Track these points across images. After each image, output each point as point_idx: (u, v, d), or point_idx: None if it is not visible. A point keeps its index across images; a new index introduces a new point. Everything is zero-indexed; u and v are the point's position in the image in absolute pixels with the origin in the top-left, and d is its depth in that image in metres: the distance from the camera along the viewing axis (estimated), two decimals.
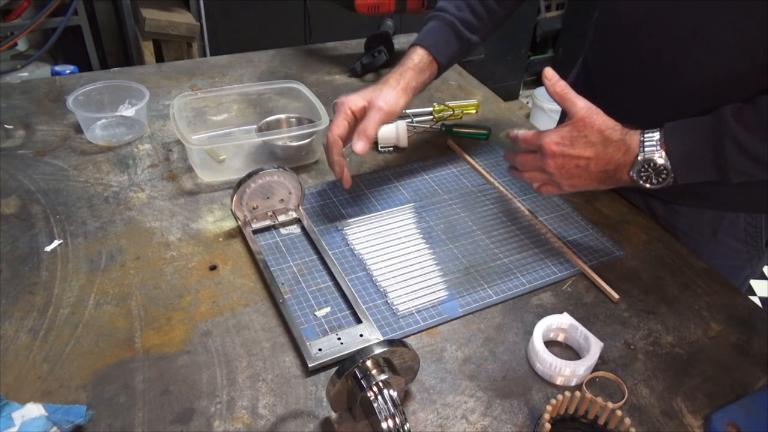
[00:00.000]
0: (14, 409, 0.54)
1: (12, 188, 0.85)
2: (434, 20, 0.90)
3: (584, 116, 0.71)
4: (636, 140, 0.70)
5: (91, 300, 0.69)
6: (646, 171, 0.69)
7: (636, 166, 0.70)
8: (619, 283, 0.77)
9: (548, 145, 0.72)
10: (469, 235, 0.83)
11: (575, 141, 0.71)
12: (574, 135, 0.71)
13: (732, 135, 0.66)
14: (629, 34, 0.79)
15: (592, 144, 0.70)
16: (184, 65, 1.24)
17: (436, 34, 0.89)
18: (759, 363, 0.68)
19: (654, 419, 0.61)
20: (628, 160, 0.70)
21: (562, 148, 0.71)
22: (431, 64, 0.88)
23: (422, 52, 0.87)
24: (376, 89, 0.83)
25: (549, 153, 0.72)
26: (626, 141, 0.70)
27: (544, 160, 0.73)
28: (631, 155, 0.70)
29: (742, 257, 0.89)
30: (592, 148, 0.70)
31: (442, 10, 0.90)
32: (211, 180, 0.90)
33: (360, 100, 0.80)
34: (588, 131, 0.71)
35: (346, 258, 0.78)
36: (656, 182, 0.70)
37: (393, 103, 0.81)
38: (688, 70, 0.74)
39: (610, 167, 0.71)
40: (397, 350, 0.56)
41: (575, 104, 0.72)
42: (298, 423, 0.58)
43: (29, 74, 2.05)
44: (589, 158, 0.71)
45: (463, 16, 0.89)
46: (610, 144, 0.70)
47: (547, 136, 0.72)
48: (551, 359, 0.63)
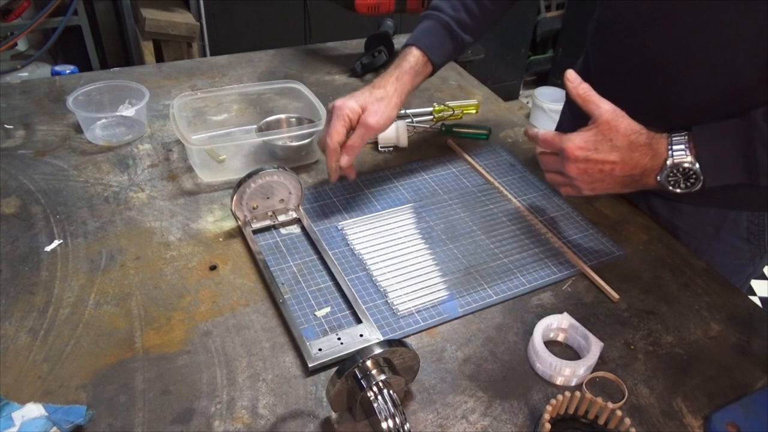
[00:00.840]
0: (14, 409, 0.54)
1: (12, 188, 0.85)
2: (429, 20, 0.89)
3: (609, 119, 0.70)
4: (663, 144, 0.69)
5: (91, 300, 0.69)
6: (674, 176, 0.68)
7: (665, 170, 0.68)
8: (619, 283, 0.77)
9: (571, 150, 0.70)
10: (469, 235, 0.83)
11: (600, 145, 0.69)
12: (599, 139, 0.69)
13: (764, 137, 0.65)
14: (630, 34, 0.79)
15: (618, 148, 0.69)
16: (184, 65, 1.24)
17: (432, 35, 0.88)
18: (759, 363, 0.68)
19: (654, 419, 0.61)
20: (656, 165, 0.69)
21: (586, 152, 0.69)
22: (426, 66, 0.88)
23: (418, 54, 0.87)
24: (372, 94, 0.82)
25: (572, 158, 0.70)
26: (653, 145, 0.69)
27: (565, 164, 0.71)
28: (659, 160, 0.68)
29: (745, 256, 0.89)
30: (617, 153, 0.69)
31: (437, 10, 0.89)
32: (211, 180, 0.90)
33: (356, 106, 0.80)
34: (613, 135, 0.69)
35: (346, 258, 0.78)
36: (684, 186, 0.68)
37: (384, 121, 0.81)
38: (691, 70, 0.74)
39: (636, 172, 0.70)
40: (397, 350, 0.56)
41: (599, 107, 0.71)
42: (298, 423, 0.58)
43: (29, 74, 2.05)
44: (615, 163, 0.69)
45: (459, 17, 0.88)
46: (636, 148, 0.69)
47: (569, 140, 0.70)
48: (551, 359, 0.63)
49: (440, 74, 1.27)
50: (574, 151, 0.70)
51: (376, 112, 0.80)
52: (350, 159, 0.80)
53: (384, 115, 0.81)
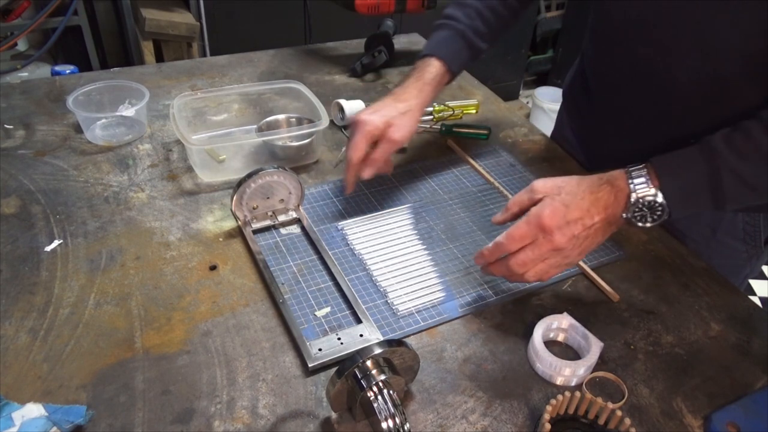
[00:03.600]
0: (14, 409, 0.54)
1: (12, 188, 0.85)
2: (445, 29, 0.89)
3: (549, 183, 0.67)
4: (623, 180, 0.66)
5: (91, 300, 0.69)
6: (640, 210, 0.65)
7: (630, 207, 0.65)
8: (619, 283, 0.77)
9: (549, 222, 0.64)
10: (469, 235, 0.83)
11: (568, 203, 0.65)
12: (561, 199, 0.65)
13: (729, 166, 0.64)
14: (622, 37, 0.80)
15: (582, 197, 0.65)
16: (184, 65, 1.24)
17: (449, 45, 0.88)
18: (759, 363, 0.68)
19: (654, 419, 0.61)
20: (620, 202, 0.66)
21: (563, 215, 0.64)
22: (445, 76, 0.88)
23: (438, 64, 0.86)
24: (396, 108, 0.81)
25: (555, 227, 0.64)
26: (610, 181, 0.66)
27: (550, 240, 0.64)
28: (623, 196, 0.65)
29: (741, 257, 0.89)
30: (585, 201, 0.65)
31: (452, 19, 0.89)
32: (211, 180, 0.90)
33: (380, 123, 0.79)
34: (569, 188, 0.66)
35: (346, 258, 0.78)
36: (651, 220, 0.66)
37: (408, 135, 0.81)
38: (681, 71, 0.74)
39: (609, 212, 0.66)
40: (397, 350, 0.56)
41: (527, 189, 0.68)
42: (298, 423, 0.58)
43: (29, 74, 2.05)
44: (588, 210, 0.65)
45: (474, 25, 0.88)
46: (596, 189, 0.66)
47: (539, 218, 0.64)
48: (551, 359, 0.63)
49: None
50: (551, 220, 0.64)
51: (400, 127, 0.80)
52: (372, 171, 0.80)
53: (408, 130, 0.81)
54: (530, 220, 0.65)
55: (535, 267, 0.66)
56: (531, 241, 0.65)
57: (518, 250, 0.66)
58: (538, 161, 1.01)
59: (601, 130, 0.94)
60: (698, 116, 0.77)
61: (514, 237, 0.66)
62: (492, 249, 0.68)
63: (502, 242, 0.67)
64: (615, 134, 0.90)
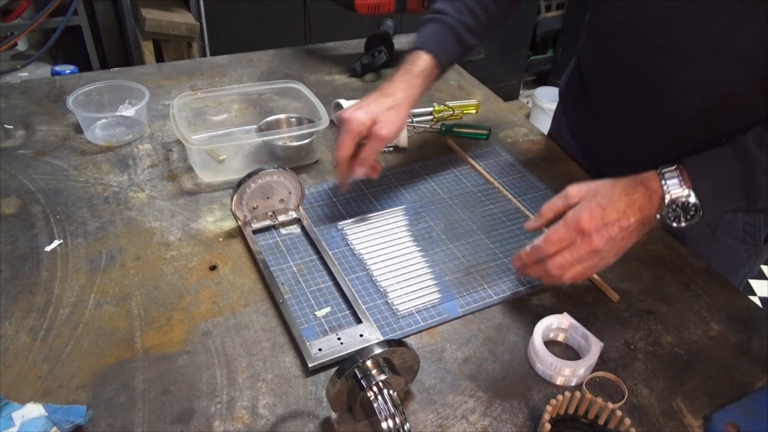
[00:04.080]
0: (14, 409, 0.54)
1: (12, 188, 0.85)
2: (435, 23, 0.87)
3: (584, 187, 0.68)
4: (655, 181, 0.67)
5: (91, 300, 0.69)
6: (675, 211, 0.66)
7: (664, 208, 0.66)
8: (619, 283, 0.77)
9: (587, 224, 0.64)
10: (469, 235, 0.83)
11: (604, 204, 0.65)
12: (597, 202, 0.65)
13: (762, 166, 0.65)
14: (621, 38, 0.79)
15: (618, 199, 0.66)
16: (184, 65, 1.24)
17: (439, 38, 0.86)
18: (759, 363, 0.68)
19: (654, 419, 0.61)
20: (654, 203, 0.66)
21: (600, 218, 0.64)
22: (435, 70, 0.85)
23: (427, 58, 0.84)
24: (382, 102, 0.80)
25: (593, 230, 0.64)
26: (645, 184, 0.67)
27: (588, 242, 0.64)
28: (657, 197, 0.66)
29: (741, 256, 0.89)
30: (621, 203, 0.65)
31: (441, 13, 0.87)
32: (211, 180, 0.90)
33: (365, 119, 0.78)
34: (605, 191, 0.66)
35: (346, 258, 0.78)
36: (685, 220, 0.66)
37: (395, 131, 0.80)
38: (679, 77, 0.74)
39: (644, 214, 0.66)
40: (397, 350, 0.56)
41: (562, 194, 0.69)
42: (298, 423, 0.58)
43: (29, 74, 2.05)
44: (625, 212, 0.65)
45: (463, 19, 0.86)
46: (631, 191, 0.66)
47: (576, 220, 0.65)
48: (551, 359, 0.63)
49: None
50: (590, 223, 0.64)
51: (387, 123, 0.78)
52: (364, 170, 0.79)
53: (395, 125, 0.79)
54: (568, 223, 0.65)
55: (573, 269, 0.66)
56: (569, 243, 0.65)
57: (556, 253, 0.66)
58: (538, 161, 1.01)
59: (599, 130, 0.94)
60: (696, 118, 0.77)
61: (552, 240, 0.66)
62: (530, 252, 0.68)
63: (541, 245, 0.67)
64: (612, 134, 0.90)
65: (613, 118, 0.89)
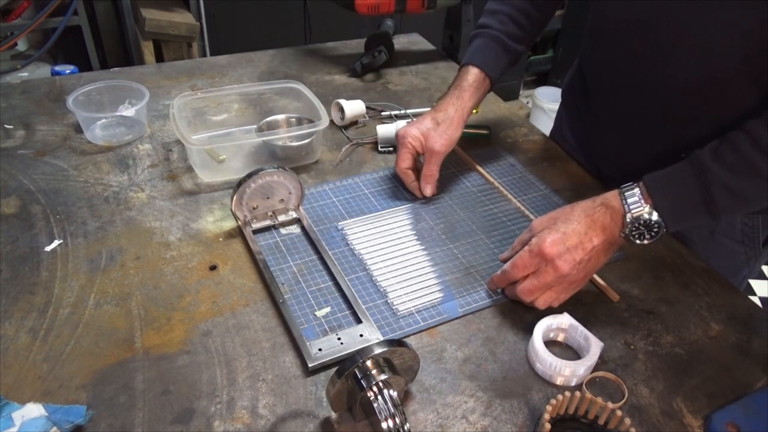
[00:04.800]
0: (14, 409, 0.54)
1: (12, 188, 0.85)
2: (480, 38, 0.92)
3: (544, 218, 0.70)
4: (616, 200, 0.68)
5: (91, 300, 0.69)
6: (638, 229, 0.67)
7: (627, 226, 0.67)
8: (619, 283, 0.77)
9: (549, 249, 0.66)
10: (469, 235, 0.83)
11: (564, 229, 0.67)
12: (560, 227, 0.67)
13: (719, 180, 0.65)
14: (620, 37, 0.80)
15: (579, 221, 0.67)
16: (184, 65, 1.24)
17: (485, 52, 0.91)
18: (759, 363, 0.68)
19: (654, 419, 0.61)
20: (617, 222, 0.68)
21: (563, 242, 0.66)
22: (484, 81, 0.90)
23: (475, 71, 0.90)
24: (434, 119, 0.87)
25: (555, 255, 0.66)
26: (604, 203, 0.68)
27: (553, 267, 0.66)
28: (618, 216, 0.67)
29: (740, 258, 0.89)
30: (582, 225, 0.67)
31: (485, 27, 0.92)
32: (211, 180, 0.90)
33: (418, 133, 0.87)
34: (565, 215, 0.68)
35: (346, 258, 0.78)
36: (649, 237, 0.67)
37: (448, 143, 0.86)
38: (679, 71, 0.74)
39: (607, 234, 0.67)
40: (397, 350, 0.56)
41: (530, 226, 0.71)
42: (298, 423, 0.58)
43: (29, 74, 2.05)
44: (586, 234, 0.67)
45: (507, 29, 0.90)
46: (592, 213, 0.68)
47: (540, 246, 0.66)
48: (551, 359, 0.63)
49: (440, 74, 1.28)
50: (552, 248, 0.66)
51: (438, 136, 0.86)
52: (432, 186, 0.87)
53: (446, 138, 0.86)
54: (532, 249, 0.67)
55: (543, 295, 0.69)
56: (534, 269, 0.68)
57: (524, 278, 0.69)
58: (538, 161, 1.01)
59: (600, 130, 0.94)
60: (696, 116, 0.77)
61: (517, 265, 0.69)
62: (500, 276, 0.72)
63: (507, 270, 0.70)
64: (613, 134, 0.91)
65: (613, 117, 0.89)
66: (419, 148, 0.87)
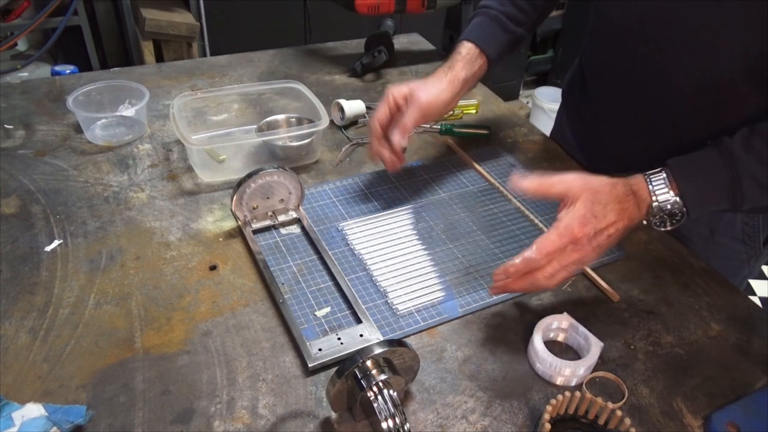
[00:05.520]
0: (14, 409, 0.54)
1: (12, 188, 0.85)
2: (478, 16, 0.91)
3: (586, 187, 0.66)
4: (644, 187, 0.68)
5: (91, 300, 0.69)
6: (661, 218, 0.67)
7: (651, 214, 0.67)
8: (619, 283, 0.77)
9: (580, 232, 0.63)
10: (469, 235, 0.83)
11: (597, 213, 0.64)
12: (592, 208, 0.65)
13: (748, 170, 0.65)
14: (621, 36, 0.80)
15: (611, 208, 0.65)
16: (184, 65, 1.24)
17: (482, 28, 0.89)
18: (759, 363, 0.68)
19: (654, 419, 0.61)
20: (642, 210, 0.67)
21: (593, 226, 0.64)
22: (480, 57, 0.87)
23: (469, 45, 0.87)
24: (422, 81, 0.83)
25: (585, 238, 0.64)
26: (635, 191, 0.68)
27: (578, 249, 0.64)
28: (645, 204, 0.67)
29: (740, 257, 0.89)
30: (612, 212, 0.65)
31: (484, 7, 0.91)
32: (211, 180, 0.90)
33: (404, 88, 0.81)
34: (599, 197, 0.65)
35: (346, 258, 0.78)
36: (671, 224, 0.68)
37: (434, 96, 0.80)
38: (679, 75, 0.75)
39: (632, 222, 0.67)
40: (397, 350, 0.56)
41: (565, 183, 0.66)
42: (298, 423, 0.58)
43: (29, 74, 2.05)
44: (614, 222, 0.65)
45: (507, 10, 0.89)
46: (623, 200, 0.67)
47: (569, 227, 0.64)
48: (551, 359, 0.63)
49: None
50: (582, 232, 0.63)
51: (425, 89, 0.80)
52: (400, 137, 0.78)
53: (434, 90, 0.80)
54: (562, 233, 0.63)
55: (559, 275, 0.65)
56: (560, 253, 0.64)
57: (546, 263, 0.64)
58: (538, 161, 1.01)
59: (600, 130, 0.94)
60: (697, 116, 0.77)
61: (547, 251, 0.63)
62: (520, 265, 0.64)
63: (534, 258, 0.63)
64: (614, 134, 0.91)
65: (613, 117, 0.89)
66: (401, 101, 0.80)
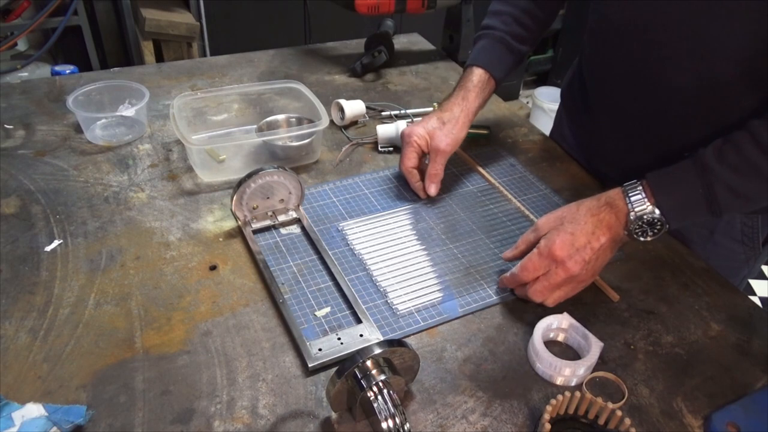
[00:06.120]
0: (14, 409, 0.54)
1: (12, 188, 0.85)
2: (484, 39, 0.92)
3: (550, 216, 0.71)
4: (620, 199, 0.69)
5: (91, 300, 0.69)
6: (641, 227, 0.68)
7: (630, 224, 0.68)
8: (619, 283, 0.77)
9: (559, 252, 0.67)
10: (469, 235, 0.83)
11: (573, 230, 0.68)
12: (567, 227, 0.68)
13: (722, 180, 0.66)
14: (619, 37, 0.80)
15: (586, 221, 0.68)
16: (184, 65, 1.24)
17: (489, 52, 0.91)
18: (759, 363, 0.68)
19: (654, 419, 0.61)
20: (621, 220, 0.69)
21: (571, 244, 0.67)
22: (489, 82, 0.91)
23: (480, 72, 0.90)
24: (439, 119, 0.87)
25: (566, 257, 0.67)
26: (609, 202, 0.69)
27: (563, 268, 0.67)
28: (623, 215, 0.68)
29: (739, 258, 0.89)
30: (589, 225, 0.68)
31: (489, 28, 0.92)
32: (211, 180, 0.90)
33: (423, 132, 0.87)
34: (570, 216, 0.69)
35: (346, 258, 0.78)
36: (651, 234, 0.69)
37: (453, 141, 0.86)
38: (677, 73, 0.75)
39: (613, 232, 0.69)
40: (397, 350, 0.56)
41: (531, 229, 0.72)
42: (298, 423, 0.58)
43: (29, 74, 2.05)
44: (593, 233, 0.68)
45: (511, 30, 0.91)
46: (598, 212, 0.69)
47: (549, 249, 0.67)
48: (551, 359, 0.63)
49: (440, 74, 1.28)
50: (562, 250, 0.67)
51: (444, 136, 0.86)
52: (436, 186, 0.87)
53: (452, 137, 0.86)
54: (542, 252, 0.68)
55: (553, 294, 0.70)
56: (544, 271, 0.68)
57: (534, 281, 0.69)
58: (538, 161, 1.01)
59: (599, 130, 0.94)
60: (694, 117, 0.77)
61: (527, 268, 0.69)
62: (509, 278, 0.72)
63: (517, 273, 0.70)
64: (612, 134, 0.91)
65: (612, 117, 0.89)
66: (424, 147, 0.87)
